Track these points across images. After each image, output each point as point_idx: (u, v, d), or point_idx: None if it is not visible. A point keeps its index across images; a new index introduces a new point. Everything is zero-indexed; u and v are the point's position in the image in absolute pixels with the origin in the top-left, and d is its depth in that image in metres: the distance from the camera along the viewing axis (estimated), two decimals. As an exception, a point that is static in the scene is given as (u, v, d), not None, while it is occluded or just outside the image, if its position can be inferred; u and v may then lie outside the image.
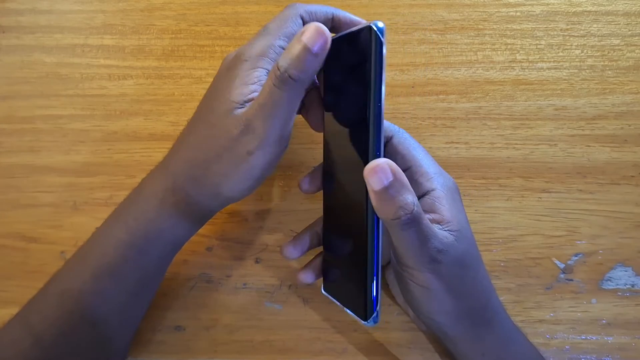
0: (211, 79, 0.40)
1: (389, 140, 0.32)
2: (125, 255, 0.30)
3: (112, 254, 0.30)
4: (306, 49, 0.26)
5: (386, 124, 0.32)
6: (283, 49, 0.29)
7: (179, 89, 0.41)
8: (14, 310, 0.31)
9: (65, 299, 0.30)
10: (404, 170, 0.32)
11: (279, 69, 0.27)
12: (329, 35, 0.27)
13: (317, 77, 0.34)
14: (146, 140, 0.40)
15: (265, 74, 0.29)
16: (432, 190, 0.30)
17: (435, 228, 0.29)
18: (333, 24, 0.31)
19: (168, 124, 0.40)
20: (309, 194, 0.34)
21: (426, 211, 0.30)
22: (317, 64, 0.27)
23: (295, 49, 0.27)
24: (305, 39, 0.26)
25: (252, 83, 0.28)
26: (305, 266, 0.34)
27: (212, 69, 0.41)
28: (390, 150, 0.32)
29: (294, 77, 0.27)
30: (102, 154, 0.40)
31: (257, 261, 0.38)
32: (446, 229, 0.29)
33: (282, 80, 0.27)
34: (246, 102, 0.28)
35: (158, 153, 0.40)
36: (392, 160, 0.32)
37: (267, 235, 0.38)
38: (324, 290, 0.34)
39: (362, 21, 0.31)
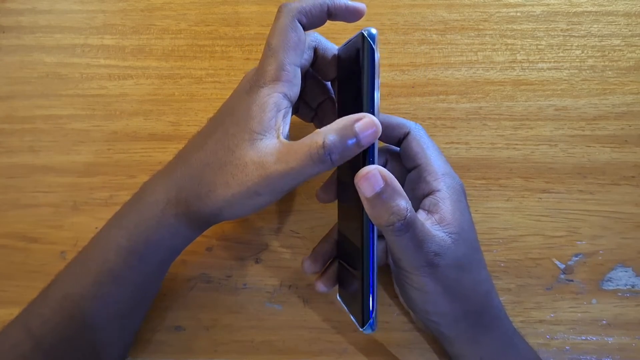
0: (211, 79, 0.41)
1: (405, 136, 0.32)
2: (127, 261, 0.30)
3: (114, 259, 0.30)
4: (357, 143, 0.27)
5: (403, 120, 0.33)
6: (293, 64, 0.29)
7: (179, 89, 0.41)
8: (14, 310, 0.31)
9: (66, 303, 0.30)
10: (413, 168, 0.32)
11: (324, 148, 0.26)
12: (380, 130, 0.27)
13: (332, 86, 0.35)
14: (146, 140, 0.40)
15: (282, 97, 0.29)
16: (438, 190, 0.30)
17: (433, 230, 0.29)
18: (329, 13, 0.30)
19: (168, 124, 0.40)
20: (326, 203, 0.34)
21: (429, 210, 0.30)
22: (358, 152, 0.27)
23: (347, 135, 0.26)
24: (358, 129, 0.26)
25: (270, 110, 0.28)
26: (322, 275, 0.34)
27: (212, 69, 0.41)
28: (404, 146, 0.32)
29: (333, 162, 0.27)
30: (102, 154, 0.40)
31: (257, 261, 0.38)
32: (445, 230, 0.29)
33: (322, 159, 0.26)
34: (265, 131, 0.28)
35: (158, 153, 0.40)
36: (404, 157, 0.32)
37: (267, 235, 0.38)
38: (339, 296, 0.34)
39: (357, 5, 0.30)
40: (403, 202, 0.27)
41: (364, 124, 0.26)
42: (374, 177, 0.27)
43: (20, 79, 0.41)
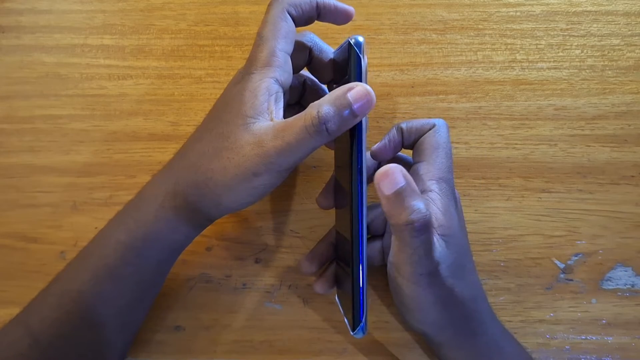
0: (211, 79, 0.41)
1: (429, 129, 0.32)
2: (125, 257, 0.30)
3: (112, 255, 0.30)
4: (352, 112, 0.27)
5: (427, 120, 0.33)
6: (283, 51, 0.29)
7: (178, 89, 0.41)
8: (14, 310, 0.31)
9: (65, 299, 0.30)
10: (417, 162, 0.32)
11: (318, 118, 0.26)
12: (374, 99, 0.27)
13: (328, 89, 0.35)
14: (146, 140, 0.40)
15: (274, 82, 0.29)
16: (430, 190, 0.30)
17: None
18: (318, 11, 0.31)
19: (168, 124, 0.40)
20: (327, 209, 0.35)
21: None
22: (354, 123, 0.28)
23: (341, 104, 0.27)
24: (351, 98, 0.27)
25: (262, 94, 0.28)
26: (320, 276, 0.34)
27: (212, 69, 0.41)
28: (421, 140, 0.32)
29: (329, 132, 0.27)
30: (102, 154, 0.40)
31: (257, 261, 0.38)
32: (438, 232, 0.29)
33: (318, 130, 0.27)
34: (258, 115, 0.28)
35: (158, 153, 0.40)
36: (416, 149, 0.33)
37: (267, 235, 0.38)
38: (337, 297, 0.34)
39: (346, 7, 0.31)
40: (422, 203, 0.27)
41: (357, 92, 0.27)
42: (395, 174, 0.27)
43: (20, 79, 0.41)
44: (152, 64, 0.41)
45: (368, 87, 0.27)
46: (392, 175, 0.27)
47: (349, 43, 0.28)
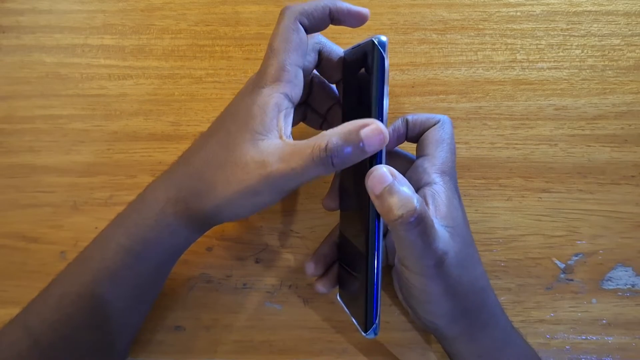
0: (211, 79, 0.41)
1: (434, 124, 0.33)
2: (125, 260, 0.30)
3: (112, 258, 0.30)
4: (361, 149, 0.26)
5: (432, 115, 0.33)
6: (294, 65, 0.29)
7: (179, 89, 0.41)
8: (14, 310, 0.31)
9: (65, 301, 0.30)
10: (421, 156, 0.32)
11: (326, 150, 0.26)
12: (387, 137, 0.26)
13: (337, 88, 0.35)
14: (146, 140, 0.40)
15: (283, 97, 0.28)
16: (435, 183, 0.30)
17: (436, 225, 0.28)
18: (331, 17, 0.30)
19: (168, 124, 0.40)
20: (333, 210, 0.34)
21: (424, 201, 0.30)
22: (362, 159, 0.27)
23: (351, 140, 0.26)
24: (363, 135, 0.26)
25: (271, 110, 0.28)
26: (323, 275, 0.34)
27: (212, 69, 0.41)
28: (425, 134, 0.33)
29: (335, 165, 0.26)
30: (102, 154, 0.40)
31: (257, 261, 0.38)
32: (442, 223, 0.29)
33: (324, 162, 0.26)
34: (267, 131, 0.28)
35: (158, 153, 0.40)
36: (420, 143, 0.33)
37: (267, 235, 0.38)
38: (339, 297, 0.34)
39: (360, 9, 0.31)
40: (412, 196, 0.27)
41: (371, 130, 0.26)
42: (382, 175, 0.27)
43: (20, 79, 0.41)
44: (152, 64, 0.41)
45: (382, 126, 0.26)
46: (379, 175, 0.27)
47: (373, 42, 0.28)
